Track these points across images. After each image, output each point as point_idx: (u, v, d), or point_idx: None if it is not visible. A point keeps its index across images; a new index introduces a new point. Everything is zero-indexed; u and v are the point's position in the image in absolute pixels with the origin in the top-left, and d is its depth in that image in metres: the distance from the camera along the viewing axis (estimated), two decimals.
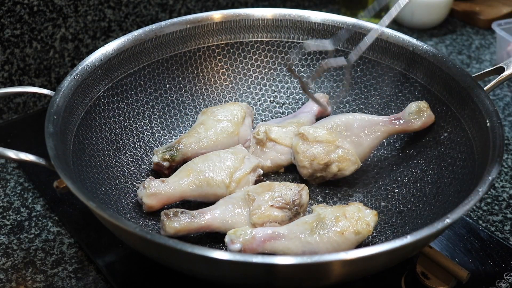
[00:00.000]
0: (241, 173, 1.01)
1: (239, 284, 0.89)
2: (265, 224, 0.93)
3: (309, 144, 1.04)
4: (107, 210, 0.81)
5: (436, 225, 0.79)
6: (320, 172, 1.05)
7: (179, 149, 1.06)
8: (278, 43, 1.20)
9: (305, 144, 1.04)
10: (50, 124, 0.91)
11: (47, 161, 0.87)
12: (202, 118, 1.11)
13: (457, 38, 1.61)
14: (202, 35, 1.17)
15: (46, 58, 1.33)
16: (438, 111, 1.07)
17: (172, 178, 1.00)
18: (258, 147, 1.09)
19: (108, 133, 1.06)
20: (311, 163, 1.04)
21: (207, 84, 1.20)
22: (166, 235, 0.93)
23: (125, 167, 1.06)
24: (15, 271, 0.96)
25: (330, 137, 1.04)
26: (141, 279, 0.94)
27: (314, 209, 0.95)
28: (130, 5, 1.40)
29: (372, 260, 0.77)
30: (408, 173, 1.06)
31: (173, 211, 0.94)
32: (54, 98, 0.95)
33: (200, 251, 0.74)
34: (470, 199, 0.82)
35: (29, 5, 1.26)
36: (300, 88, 1.21)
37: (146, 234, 0.77)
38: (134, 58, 1.11)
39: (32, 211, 1.07)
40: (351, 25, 1.15)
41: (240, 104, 1.13)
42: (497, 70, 1.03)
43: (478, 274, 0.96)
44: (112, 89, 1.08)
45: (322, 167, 1.04)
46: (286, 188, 0.97)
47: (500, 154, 0.88)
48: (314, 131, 1.04)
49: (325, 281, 0.82)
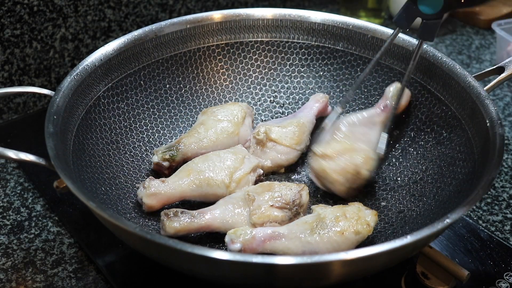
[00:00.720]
0: (241, 173, 1.01)
1: (239, 284, 0.89)
2: (265, 224, 0.93)
3: (332, 160, 1.01)
4: (107, 210, 0.81)
5: (436, 225, 0.79)
6: (354, 183, 1.01)
7: (179, 149, 1.06)
8: (278, 43, 1.20)
9: (329, 161, 1.01)
10: (50, 124, 0.91)
11: (47, 161, 0.87)
12: (202, 118, 1.11)
13: (457, 38, 1.61)
14: (202, 35, 1.17)
15: (46, 58, 1.33)
16: (438, 111, 1.07)
17: (172, 178, 1.00)
18: (258, 147, 1.09)
19: (108, 133, 1.06)
20: (345, 177, 1.00)
21: (207, 84, 1.20)
22: (166, 235, 0.93)
23: (125, 167, 1.06)
24: (15, 271, 0.96)
25: (346, 145, 1.01)
26: (141, 279, 0.94)
27: (314, 209, 0.95)
28: (130, 5, 1.40)
29: (372, 260, 0.77)
30: (408, 173, 1.06)
31: (173, 211, 0.94)
32: (54, 98, 0.95)
33: (200, 251, 0.74)
34: (470, 199, 0.82)
35: (29, 5, 1.26)
36: (300, 89, 1.21)
37: (146, 234, 0.77)
38: (134, 58, 1.11)
39: (32, 211, 1.07)
40: (351, 25, 1.15)
41: (240, 104, 1.13)
42: (497, 70, 1.04)
43: (478, 274, 0.96)
44: (112, 89, 1.08)
45: (355, 177, 1.00)
46: (286, 188, 0.97)
47: (500, 154, 0.88)
48: (329, 145, 1.02)
49: (325, 281, 0.82)
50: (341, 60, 1.18)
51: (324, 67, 1.20)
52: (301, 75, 1.21)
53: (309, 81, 1.21)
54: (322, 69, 1.20)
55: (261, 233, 0.90)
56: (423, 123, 1.09)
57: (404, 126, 1.12)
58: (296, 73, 1.21)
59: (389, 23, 1.62)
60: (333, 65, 1.19)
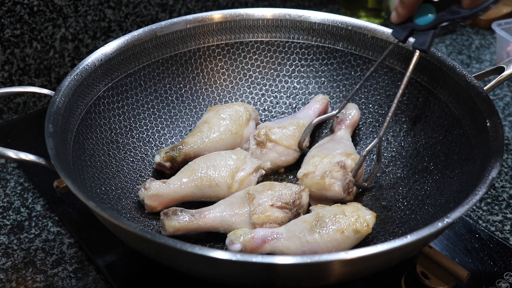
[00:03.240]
0: (244, 174, 1.01)
1: (239, 284, 0.89)
2: (264, 225, 0.93)
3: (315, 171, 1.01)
4: (107, 210, 0.81)
5: (436, 225, 0.79)
6: (346, 178, 0.99)
7: (181, 149, 1.06)
8: (278, 43, 1.20)
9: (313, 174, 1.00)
10: (50, 124, 0.91)
11: (47, 161, 0.87)
12: (207, 116, 1.11)
13: (457, 38, 1.61)
14: (202, 35, 1.17)
15: (46, 58, 1.33)
16: (438, 111, 1.07)
17: (173, 179, 1.00)
18: (258, 149, 1.08)
19: (108, 133, 1.06)
20: (335, 177, 0.99)
21: (207, 84, 1.20)
22: (166, 234, 0.93)
23: (125, 167, 1.06)
24: (15, 271, 0.96)
25: (323, 155, 1.03)
26: (141, 279, 0.94)
27: (313, 208, 0.95)
28: (130, 5, 1.40)
29: (372, 259, 0.77)
30: (408, 173, 1.06)
31: (172, 210, 0.94)
32: (54, 98, 0.96)
33: (200, 251, 0.74)
34: (470, 199, 0.82)
35: (29, 5, 1.26)
36: (300, 89, 1.21)
37: (146, 234, 0.77)
38: (134, 58, 1.11)
39: (32, 211, 1.07)
40: (351, 25, 1.15)
41: (246, 105, 1.13)
42: (497, 70, 1.03)
43: (478, 274, 0.96)
44: (112, 89, 1.08)
45: (343, 171, 0.99)
46: (287, 188, 0.97)
47: (500, 154, 0.88)
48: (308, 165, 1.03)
49: (326, 281, 0.82)
50: (341, 60, 1.18)
51: (324, 67, 1.20)
52: (301, 75, 1.21)
53: (309, 81, 1.21)
54: (322, 69, 1.20)
55: (261, 234, 0.90)
56: (422, 123, 1.09)
57: (404, 125, 1.12)
58: (296, 73, 1.21)
59: (389, 23, 1.62)
60: (333, 65, 1.19)
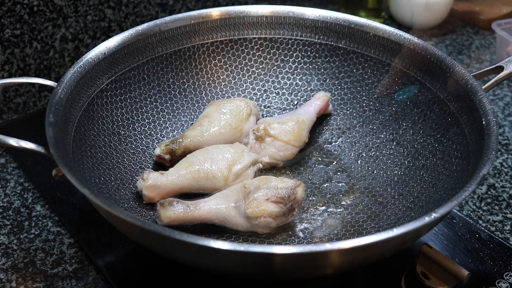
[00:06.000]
0: (240, 167, 1.02)
1: (237, 274, 0.89)
2: (259, 219, 0.93)
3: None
4: (99, 197, 0.81)
5: (423, 219, 0.79)
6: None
7: (181, 142, 1.07)
8: (281, 40, 1.21)
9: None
10: (51, 114, 0.92)
11: (46, 149, 0.88)
12: (207, 110, 1.12)
13: (457, 38, 1.61)
14: (206, 31, 1.18)
15: (46, 58, 1.33)
16: (437, 109, 1.07)
17: (171, 171, 1.01)
18: (256, 143, 1.09)
19: (110, 124, 1.07)
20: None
21: (210, 79, 1.21)
22: (161, 224, 0.93)
23: (125, 158, 1.06)
24: (15, 271, 0.96)
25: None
26: (141, 279, 0.94)
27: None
28: (130, 5, 1.41)
29: (364, 250, 0.79)
30: (406, 170, 1.07)
31: (169, 200, 0.95)
32: (57, 89, 0.96)
33: (197, 241, 0.74)
34: (459, 195, 0.82)
35: (29, 5, 1.26)
36: (302, 85, 1.22)
37: (139, 221, 0.77)
38: (138, 52, 1.12)
39: (32, 211, 1.07)
40: (353, 23, 1.16)
41: (247, 101, 1.14)
42: (496, 69, 1.04)
43: (478, 274, 0.96)
44: (116, 82, 1.09)
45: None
46: (283, 183, 0.97)
47: (494, 150, 0.88)
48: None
49: (322, 270, 0.84)
50: (343, 58, 1.19)
51: (327, 65, 1.20)
52: (304, 72, 1.22)
53: (311, 78, 1.22)
54: (325, 66, 1.21)
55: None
56: (420, 120, 1.10)
57: (401, 122, 1.12)
58: (298, 70, 1.22)
59: (389, 23, 1.62)
60: (335, 62, 1.20)
